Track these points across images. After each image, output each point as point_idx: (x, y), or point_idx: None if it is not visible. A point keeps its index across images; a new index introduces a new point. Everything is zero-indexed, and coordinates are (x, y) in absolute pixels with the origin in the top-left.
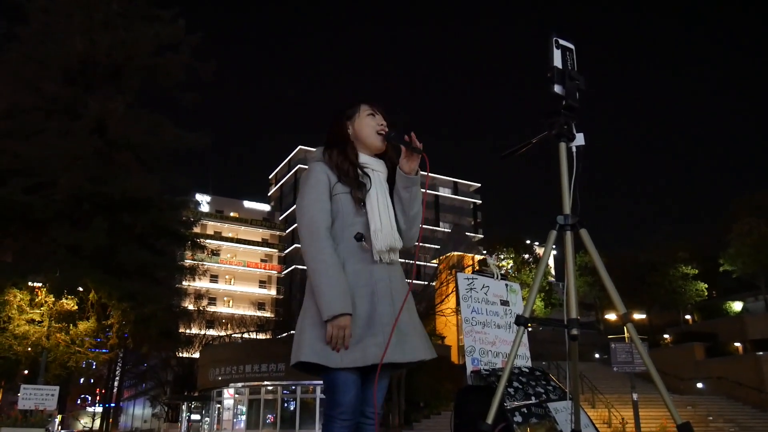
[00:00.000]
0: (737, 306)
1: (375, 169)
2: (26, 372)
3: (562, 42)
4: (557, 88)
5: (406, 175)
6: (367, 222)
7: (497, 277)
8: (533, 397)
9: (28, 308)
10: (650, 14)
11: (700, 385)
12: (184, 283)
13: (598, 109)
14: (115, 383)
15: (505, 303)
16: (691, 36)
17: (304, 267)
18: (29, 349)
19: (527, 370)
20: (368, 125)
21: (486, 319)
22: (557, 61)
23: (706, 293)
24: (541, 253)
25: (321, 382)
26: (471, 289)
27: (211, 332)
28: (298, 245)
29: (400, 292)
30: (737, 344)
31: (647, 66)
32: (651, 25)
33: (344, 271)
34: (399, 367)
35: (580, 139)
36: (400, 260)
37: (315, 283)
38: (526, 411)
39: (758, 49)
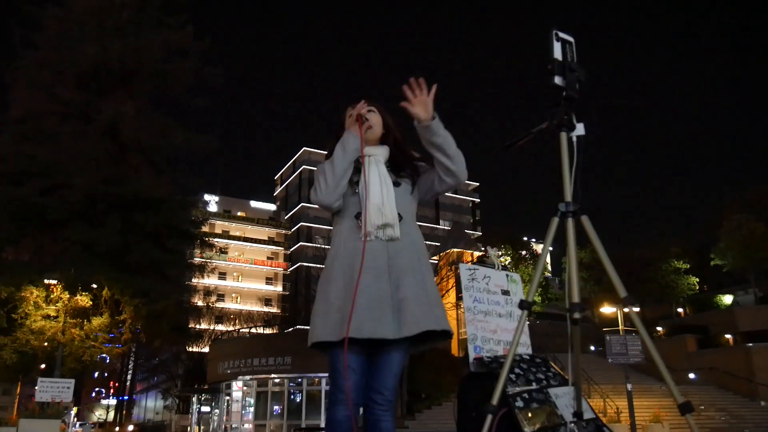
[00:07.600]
0: (728, 299)
1: (371, 153)
2: (43, 366)
3: (561, 35)
4: (557, 80)
5: (423, 124)
6: (359, 201)
7: (498, 268)
8: (534, 383)
9: (44, 304)
10: (651, 12)
11: (692, 375)
12: (193, 280)
13: (592, 105)
14: (128, 377)
15: (506, 293)
16: (690, 32)
17: (309, 264)
18: (45, 343)
19: (528, 357)
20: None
21: (488, 308)
22: (557, 54)
23: (698, 287)
24: (539, 249)
25: (326, 374)
26: (473, 279)
27: (220, 327)
28: (303, 243)
29: (406, 268)
30: (728, 336)
31: (643, 61)
32: (650, 23)
33: (344, 249)
34: (415, 343)
35: (580, 129)
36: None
37: (332, 159)
38: (527, 396)
39: (756, 48)
